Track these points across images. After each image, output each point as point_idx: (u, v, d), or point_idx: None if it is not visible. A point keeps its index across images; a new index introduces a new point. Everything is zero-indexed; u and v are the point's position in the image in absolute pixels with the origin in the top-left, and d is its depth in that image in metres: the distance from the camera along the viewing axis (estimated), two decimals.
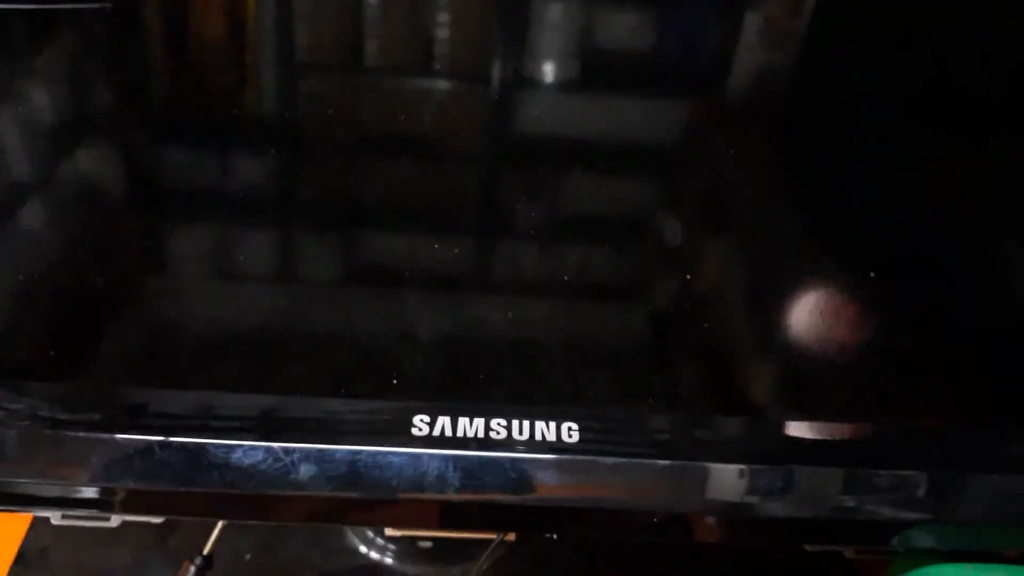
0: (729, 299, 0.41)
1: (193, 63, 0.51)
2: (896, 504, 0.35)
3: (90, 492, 0.35)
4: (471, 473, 0.33)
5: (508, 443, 0.34)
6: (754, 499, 0.34)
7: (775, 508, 0.34)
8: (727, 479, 0.34)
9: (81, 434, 0.33)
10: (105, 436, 0.33)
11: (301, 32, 0.53)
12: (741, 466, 0.34)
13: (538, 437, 0.34)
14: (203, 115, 0.48)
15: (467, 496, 0.34)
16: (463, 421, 0.34)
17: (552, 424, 0.34)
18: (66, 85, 0.48)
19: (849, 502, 0.35)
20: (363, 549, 0.56)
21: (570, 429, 0.34)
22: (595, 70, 0.52)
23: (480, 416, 0.34)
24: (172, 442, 0.33)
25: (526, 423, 0.34)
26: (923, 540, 0.38)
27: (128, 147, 0.46)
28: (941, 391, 0.38)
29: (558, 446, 0.34)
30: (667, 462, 0.34)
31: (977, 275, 0.43)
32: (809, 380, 0.39)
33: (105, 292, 0.39)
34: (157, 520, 0.39)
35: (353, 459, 0.33)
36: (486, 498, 0.34)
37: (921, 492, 0.35)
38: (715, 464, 0.34)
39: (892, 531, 0.37)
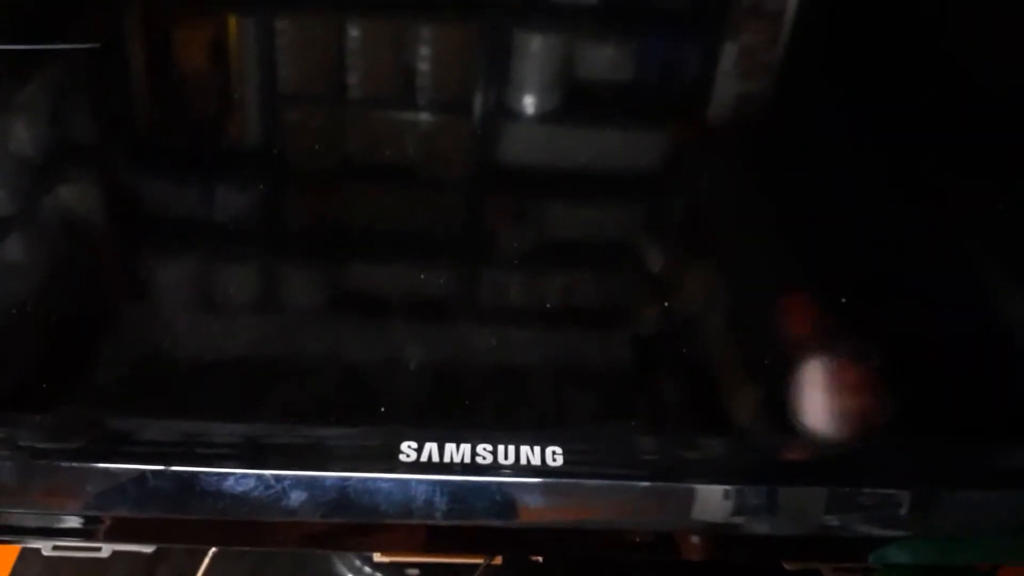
0: (710, 321, 0.42)
1: (178, 98, 0.51)
2: (876, 521, 0.36)
3: (82, 522, 0.35)
4: (458, 498, 0.34)
5: (494, 468, 0.34)
6: (737, 518, 0.35)
7: (758, 527, 0.35)
8: (710, 499, 0.35)
9: (75, 464, 0.34)
10: (99, 466, 0.33)
11: (285, 67, 0.53)
12: (724, 486, 0.35)
13: (523, 461, 0.35)
14: (188, 147, 0.48)
15: (454, 520, 0.34)
16: (450, 447, 0.35)
17: (536, 448, 0.35)
18: (54, 120, 0.48)
19: (831, 520, 0.36)
20: None
21: (554, 453, 0.35)
22: (576, 101, 0.52)
23: (466, 442, 0.35)
24: (166, 471, 0.33)
25: (511, 448, 0.35)
26: (899, 555, 0.38)
27: (113, 179, 0.47)
28: (917, 409, 0.39)
29: (543, 470, 0.34)
30: (649, 483, 0.35)
31: (952, 296, 0.44)
32: (789, 401, 0.39)
33: (93, 322, 0.39)
34: (149, 549, 0.40)
35: (343, 485, 0.34)
36: (473, 522, 0.34)
37: (900, 509, 0.36)
38: (698, 484, 0.35)
39: (870, 547, 0.37)
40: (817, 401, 0.39)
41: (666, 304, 0.42)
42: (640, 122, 0.52)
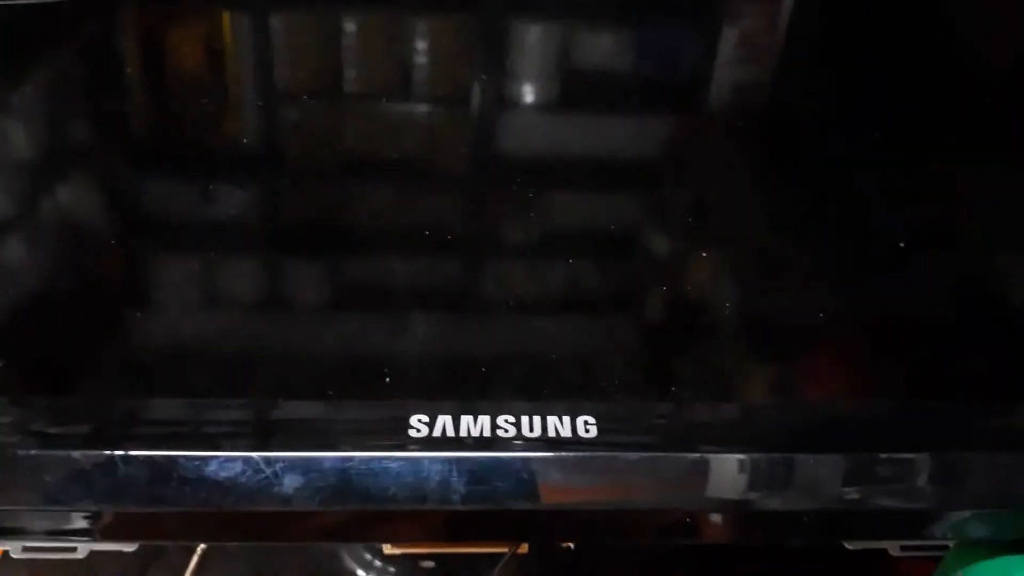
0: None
1: (174, 93, 0.51)
2: (945, 493, 0.33)
3: (51, 519, 0.32)
4: (478, 477, 0.31)
5: (518, 441, 0.32)
6: (789, 492, 0.32)
7: (807, 501, 0.32)
8: (765, 471, 0.32)
9: (34, 452, 0.30)
10: (61, 453, 0.30)
11: (282, 61, 0.54)
12: (779, 454, 0.32)
13: (551, 433, 0.32)
14: (186, 139, 0.47)
15: (474, 504, 0.31)
16: (466, 419, 0.32)
17: (566, 418, 0.32)
18: (47, 114, 0.48)
19: (894, 492, 0.32)
20: (360, 572, 0.55)
21: (587, 423, 0.32)
22: (576, 90, 0.53)
23: (485, 413, 0.32)
24: (136, 456, 0.30)
25: (537, 418, 0.32)
26: (978, 530, 0.35)
27: (113, 172, 0.46)
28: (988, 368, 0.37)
29: (574, 442, 0.32)
30: (698, 455, 0.31)
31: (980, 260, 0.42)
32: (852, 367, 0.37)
33: (70, 303, 0.37)
34: (129, 548, 0.37)
35: (344, 467, 0.31)
36: (495, 505, 0.32)
37: (975, 478, 0.33)
38: (750, 455, 0.32)
39: (940, 522, 0.34)
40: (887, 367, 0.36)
41: (704, 254, 0.40)
42: (641, 109, 0.52)
